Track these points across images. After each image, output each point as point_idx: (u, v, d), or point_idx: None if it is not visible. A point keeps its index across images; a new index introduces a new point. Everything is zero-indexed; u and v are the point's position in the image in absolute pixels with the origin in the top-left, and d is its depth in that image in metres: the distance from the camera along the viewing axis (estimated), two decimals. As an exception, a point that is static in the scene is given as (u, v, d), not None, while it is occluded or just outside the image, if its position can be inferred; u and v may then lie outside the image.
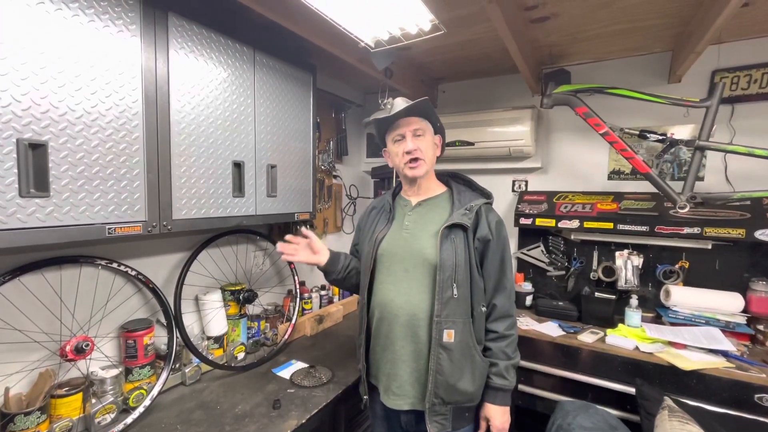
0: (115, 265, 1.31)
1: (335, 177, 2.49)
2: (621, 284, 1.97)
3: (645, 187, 1.97)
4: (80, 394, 1.19)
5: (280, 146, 1.64)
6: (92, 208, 1.03)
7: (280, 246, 1.29)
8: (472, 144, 2.24)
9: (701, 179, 1.93)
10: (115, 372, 1.30)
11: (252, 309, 1.88)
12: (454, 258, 1.13)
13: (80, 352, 1.14)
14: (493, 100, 2.42)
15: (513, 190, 2.39)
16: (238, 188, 1.46)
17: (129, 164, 1.10)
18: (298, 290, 1.99)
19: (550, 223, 2.07)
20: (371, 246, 1.28)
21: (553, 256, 2.20)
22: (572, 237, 2.14)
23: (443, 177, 1.36)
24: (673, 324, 1.80)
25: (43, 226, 0.94)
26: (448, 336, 1.12)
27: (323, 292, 2.30)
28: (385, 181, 2.37)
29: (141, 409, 1.26)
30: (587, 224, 1.98)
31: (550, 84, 1.89)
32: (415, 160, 1.21)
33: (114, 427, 1.18)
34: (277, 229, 2.01)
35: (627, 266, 1.98)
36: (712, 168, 1.92)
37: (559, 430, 1.21)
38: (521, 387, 1.83)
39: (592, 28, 1.74)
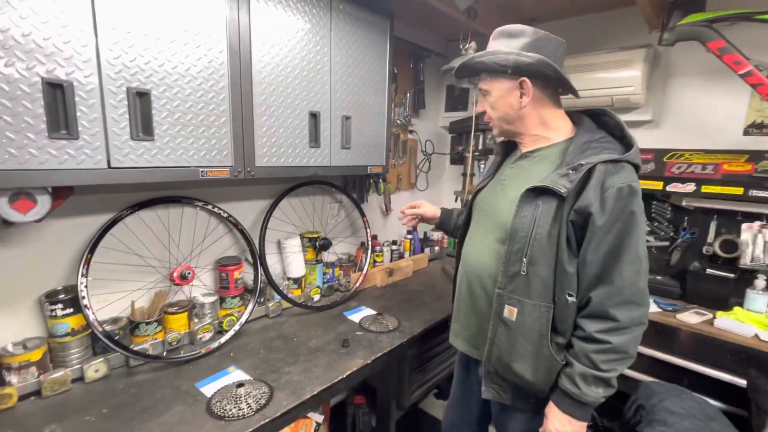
0: (210, 206, 1.47)
1: (411, 132, 2.43)
2: (745, 262, 1.65)
3: (797, 143, 1.56)
4: (186, 314, 1.41)
5: (355, 97, 1.63)
6: (188, 152, 1.14)
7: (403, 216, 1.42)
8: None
9: None
10: (212, 299, 1.50)
11: (327, 256, 1.99)
12: (530, 229, 0.95)
13: (184, 278, 1.33)
14: (597, 41, 2.07)
15: (612, 148, 2.09)
16: (314, 139, 1.50)
17: (216, 112, 1.19)
18: (369, 243, 2.05)
19: (656, 185, 1.78)
20: (471, 194, 1.23)
21: (656, 224, 1.91)
22: (684, 203, 1.82)
23: (577, 116, 1.06)
24: (813, 314, 1.47)
25: (150, 166, 1.07)
26: (510, 313, 1.00)
27: (394, 247, 2.34)
28: (464, 136, 2.24)
29: (232, 332, 1.45)
30: (706, 189, 1.66)
31: (675, 14, 1.54)
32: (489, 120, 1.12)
33: (211, 344, 1.38)
34: (352, 183, 2.06)
35: (756, 241, 1.63)
36: None
37: (640, 410, 1.09)
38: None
39: (746, -67, 1.35)
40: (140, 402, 1.11)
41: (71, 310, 1.17)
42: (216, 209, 1.49)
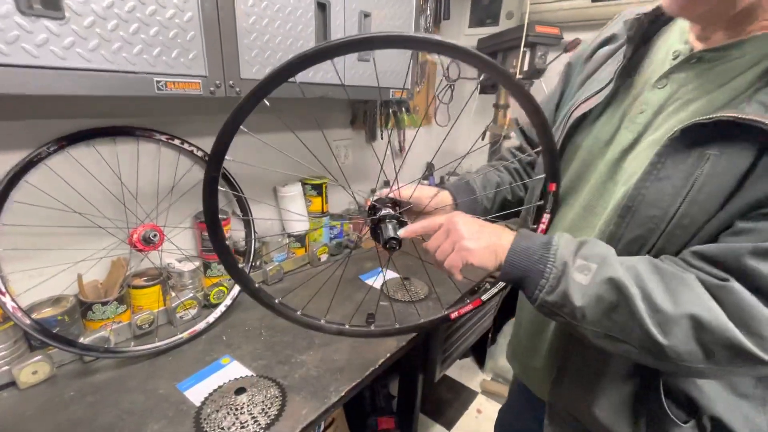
0: (177, 142, 1.05)
1: (430, 51, 1.94)
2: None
3: None
4: (158, 287, 1.05)
5: (375, -14, 1.15)
6: (130, 47, 0.70)
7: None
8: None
9: None
10: (192, 265, 1.14)
11: (333, 207, 1.63)
12: (675, 203, 0.49)
13: (149, 242, 0.95)
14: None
15: None
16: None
17: (174, -18, 0.73)
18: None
19: None
20: (562, 124, 0.69)
21: None
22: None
23: None
24: None
25: (65, 66, 0.64)
26: None
27: (410, 195, 1.97)
28: (499, 56, 1.78)
29: (222, 307, 1.12)
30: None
31: None
32: None
33: (196, 325, 1.05)
34: (362, 114, 1.63)
35: None
36: None
37: None
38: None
39: None
40: (100, 418, 0.78)
41: (-20, 294, 0.79)
42: (186, 145, 1.07)
